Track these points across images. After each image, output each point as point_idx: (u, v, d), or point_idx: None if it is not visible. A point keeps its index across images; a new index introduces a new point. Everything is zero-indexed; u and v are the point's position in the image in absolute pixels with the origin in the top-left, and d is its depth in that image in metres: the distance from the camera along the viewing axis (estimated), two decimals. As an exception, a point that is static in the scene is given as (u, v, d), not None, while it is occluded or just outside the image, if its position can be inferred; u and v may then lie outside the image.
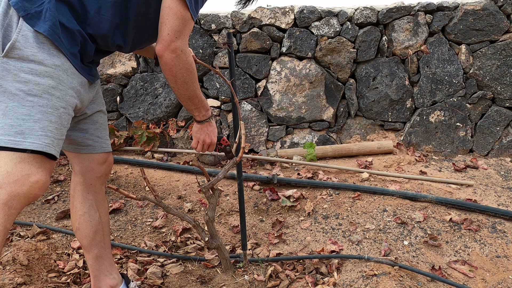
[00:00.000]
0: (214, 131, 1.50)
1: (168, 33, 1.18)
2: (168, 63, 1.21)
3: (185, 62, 1.24)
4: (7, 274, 1.69)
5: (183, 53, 1.22)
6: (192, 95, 1.33)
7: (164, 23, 1.19)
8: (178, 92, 1.31)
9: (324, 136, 3.44)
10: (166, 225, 2.32)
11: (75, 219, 1.45)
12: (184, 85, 1.29)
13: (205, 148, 1.52)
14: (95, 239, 1.45)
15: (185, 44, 1.22)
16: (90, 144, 1.39)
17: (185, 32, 1.21)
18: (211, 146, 1.53)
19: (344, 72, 3.35)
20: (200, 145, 1.51)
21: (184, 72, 1.25)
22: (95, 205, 1.46)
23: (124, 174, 2.89)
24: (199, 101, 1.37)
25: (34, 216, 2.47)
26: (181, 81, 1.26)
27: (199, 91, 1.36)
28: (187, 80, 1.27)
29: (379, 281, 1.74)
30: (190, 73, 1.27)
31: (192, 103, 1.37)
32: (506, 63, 3.23)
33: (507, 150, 3.34)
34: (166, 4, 1.19)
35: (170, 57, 1.20)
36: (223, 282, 1.77)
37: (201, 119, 1.45)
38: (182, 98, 1.34)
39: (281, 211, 2.46)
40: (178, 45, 1.19)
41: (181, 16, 1.19)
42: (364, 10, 3.25)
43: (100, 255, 1.48)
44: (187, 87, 1.30)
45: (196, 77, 1.31)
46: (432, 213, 2.34)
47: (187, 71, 1.26)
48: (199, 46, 3.31)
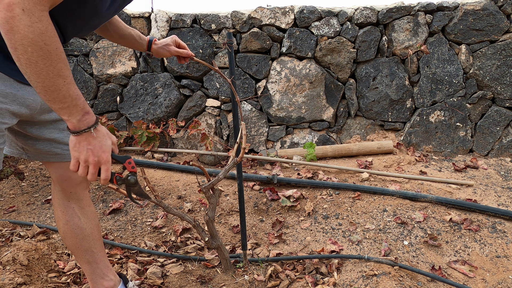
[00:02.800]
0: (103, 145, 1.01)
1: None
2: (2, 26, 0.83)
3: (29, 29, 0.82)
4: (7, 274, 1.68)
5: (27, 14, 0.81)
6: (49, 86, 0.90)
7: None
8: (26, 76, 0.89)
9: (324, 136, 3.44)
10: (166, 225, 2.32)
11: (59, 227, 1.39)
12: (30, 67, 0.86)
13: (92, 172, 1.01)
14: (82, 245, 1.40)
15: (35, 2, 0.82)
16: (58, 152, 1.28)
17: None
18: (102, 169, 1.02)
19: (344, 72, 3.35)
20: (82, 167, 1.00)
21: (29, 46, 0.84)
22: (78, 212, 1.38)
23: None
24: (64, 96, 0.92)
25: (34, 216, 2.47)
26: (24, 58, 0.85)
27: (66, 83, 0.91)
28: (36, 61, 0.86)
29: (379, 281, 1.74)
30: (40, 49, 0.85)
31: (52, 98, 0.92)
32: (506, 63, 3.23)
33: (507, 150, 3.34)
34: None
35: (3, 16, 0.81)
36: (223, 282, 1.77)
37: (76, 128, 0.97)
38: (36, 87, 0.90)
39: (281, 211, 2.46)
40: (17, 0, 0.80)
41: None
42: (364, 10, 3.25)
43: (92, 260, 1.43)
44: (37, 72, 0.87)
45: (57, 57, 0.88)
46: (432, 213, 2.34)
47: (33, 45, 0.84)
48: (199, 46, 3.31)
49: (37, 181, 2.89)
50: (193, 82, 3.39)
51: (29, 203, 2.61)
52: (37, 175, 2.96)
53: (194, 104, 3.40)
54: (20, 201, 2.64)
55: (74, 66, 3.45)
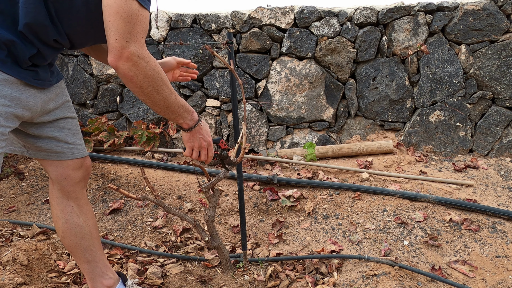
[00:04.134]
0: (207, 131, 1.30)
1: (115, 38, 0.98)
2: (127, 75, 1.02)
3: (147, 69, 1.03)
4: (7, 274, 1.68)
5: (141, 58, 1.01)
6: (168, 103, 1.12)
7: (108, 27, 0.99)
8: (151, 104, 1.11)
9: (324, 136, 3.44)
10: (166, 225, 2.32)
11: (58, 227, 1.40)
12: (154, 95, 1.08)
13: (204, 153, 1.31)
14: (82, 244, 1.41)
15: (141, 46, 1.02)
16: (59, 151, 1.31)
17: (137, 32, 1.01)
18: (209, 149, 1.32)
19: (344, 72, 3.35)
20: (196, 152, 1.29)
21: (150, 81, 1.05)
22: (77, 210, 1.40)
23: (124, 174, 2.89)
24: (178, 106, 1.16)
25: (34, 216, 2.47)
26: (149, 91, 1.06)
27: (175, 96, 1.14)
28: (156, 88, 1.07)
29: (379, 281, 1.74)
30: (157, 79, 1.06)
31: (171, 112, 1.16)
32: (506, 63, 3.23)
33: (507, 150, 3.34)
34: (105, 2, 0.99)
35: (127, 67, 1.00)
36: (223, 282, 1.77)
37: (189, 126, 1.24)
38: (158, 109, 1.13)
39: (281, 211, 2.46)
40: (132, 51, 0.99)
41: (125, 14, 0.98)
42: (364, 10, 3.25)
43: (91, 259, 1.44)
44: (159, 96, 1.09)
45: (166, 80, 1.10)
46: (432, 213, 2.34)
47: (152, 79, 1.05)
48: (199, 46, 3.31)
49: (37, 181, 2.89)
50: (193, 82, 3.39)
51: (29, 203, 2.61)
52: (37, 175, 2.96)
53: (194, 104, 3.40)
54: (20, 201, 2.64)
55: (74, 66, 3.45)
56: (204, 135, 1.28)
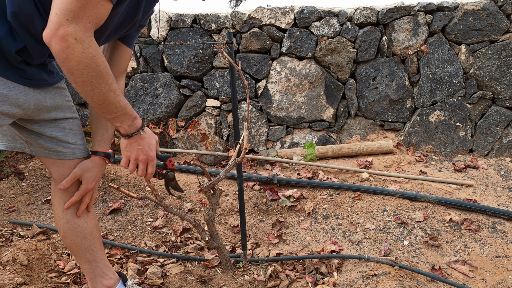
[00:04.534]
0: (150, 144, 1.18)
1: (55, 12, 0.88)
2: (59, 56, 0.91)
3: (82, 55, 0.92)
4: (7, 274, 1.68)
5: (79, 42, 0.90)
6: (104, 100, 1.02)
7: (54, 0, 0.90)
8: (84, 96, 1.00)
9: (324, 136, 3.44)
10: (166, 225, 2.32)
11: (59, 227, 1.39)
12: (87, 87, 0.98)
13: (141, 168, 1.20)
14: (83, 244, 1.40)
15: (84, 30, 0.91)
16: (60, 150, 1.29)
17: (84, 14, 0.90)
18: (150, 165, 1.20)
19: (344, 72, 3.35)
20: (132, 164, 1.19)
21: (84, 70, 0.94)
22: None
23: (124, 174, 2.89)
24: (117, 107, 1.05)
25: (34, 216, 2.47)
26: (81, 80, 0.96)
27: (115, 95, 1.03)
28: (91, 80, 0.97)
29: (379, 281, 1.74)
30: (93, 70, 0.95)
31: (107, 111, 1.05)
32: (506, 63, 3.23)
33: (507, 150, 3.34)
34: None
35: (59, 47, 0.90)
36: (223, 282, 1.77)
37: (126, 132, 1.13)
38: (93, 104, 1.03)
39: (281, 211, 2.47)
40: (70, 31, 0.89)
41: None
42: (364, 10, 3.25)
43: (92, 259, 1.44)
44: (93, 90, 0.98)
45: (107, 75, 0.99)
46: (432, 213, 2.34)
47: (88, 68, 0.94)
48: (199, 46, 3.31)
49: (37, 181, 2.89)
50: (193, 82, 3.39)
51: (29, 203, 2.61)
52: (37, 175, 2.96)
53: (194, 104, 3.40)
54: (20, 201, 2.64)
55: (74, 66, 3.44)
56: (144, 147, 1.16)
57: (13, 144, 1.30)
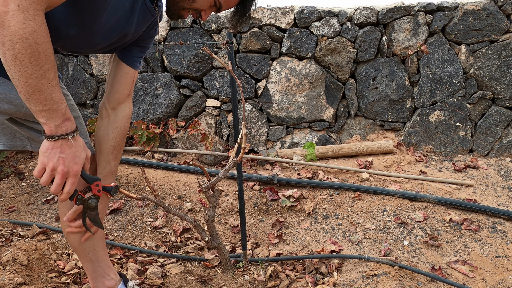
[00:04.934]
0: (77, 157, 0.98)
1: None
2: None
3: (21, 26, 0.80)
4: (7, 274, 1.69)
5: (21, 10, 0.79)
6: (32, 86, 0.86)
7: None
8: (10, 73, 0.86)
9: (324, 136, 3.44)
10: (166, 225, 2.32)
11: (64, 226, 1.39)
12: (16, 63, 0.83)
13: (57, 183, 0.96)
14: (86, 243, 1.40)
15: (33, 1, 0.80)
16: None
17: None
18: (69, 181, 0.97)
19: (344, 72, 3.35)
20: (47, 175, 0.95)
21: (17, 43, 0.81)
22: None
23: (124, 174, 2.89)
24: (46, 99, 0.89)
25: (34, 216, 2.47)
26: (11, 54, 0.82)
27: (50, 85, 0.89)
28: (23, 57, 0.83)
29: (379, 281, 1.74)
30: (29, 46, 0.82)
31: (33, 99, 0.89)
32: (506, 63, 3.23)
33: (507, 150, 3.34)
34: None
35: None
36: (223, 282, 1.77)
37: (52, 133, 0.94)
38: (18, 86, 0.87)
39: (281, 211, 2.46)
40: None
41: None
42: (364, 10, 3.25)
43: (95, 259, 1.44)
44: (22, 69, 0.84)
45: (46, 57, 0.86)
46: (432, 213, 2.34)
47: (23, 43, 0.81)
48: (199, 46, 3.31)
49: (37, 181, 2.89)
50: (193, 82, 3.39)
51: (29, 203, 2.61)
52: (37, 175, 2.96)
53: (194, 104, 3.40)
54: (20, 201, 2.64)
55: (74, 66, 3.45)
56: (68, 156, 0.96)
57: (13, 142, 1.29)
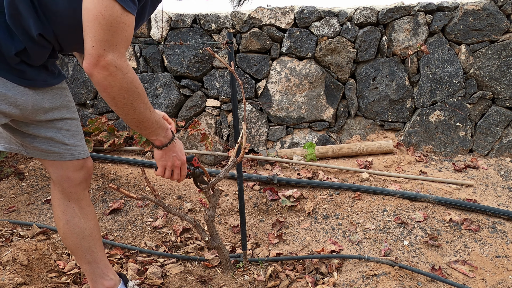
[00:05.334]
0: (181, 149, 1.26)
1: (92, 45, 0.93)
2: (100, 84, 0.97)
3: (123, 81, 0.98)
4: (7, 274, 1.69)
5: (119, 69, 0.96)
6: (142, 118, 1.08)
7: (86, 32, 0.93)
8: (123, 116, 1.06)
9: (324, 136, 3.44)
10: (166, 225, 2.32)
11: (59, 228, 1.39)
12: (128, 108, 1.03)
13: (177, 173, 1.27)
14: (83, 245, 1.40)
15: (120, 56, 0.97)
16: (56, 151, 1.28)
17: (117, 41, 0.95)
18: (183, 168, 1.28)
19: (344, 72, 3.35)
20: (168, 171, 1.26)
21: (125, 93, 1.00)
22: (78, 212, 1.38)
23: (124, 174, 2.89)
24: (153, 122, 1.12)
25: (34, 216, 2.47)
26: (122, 103, 1.02)
27: (151, 111, 1.09)
28: (131, 102, 1.02)
29: (379, 281, 1.74)
30: (133, 93, 1.01)
31: (144, 127, 1.11)
32: (506, 63, 3.23)
33: (507, 150, 3.34)
34: (84, 5, 0.92)
35: (102, 76, 0.95)
36: (223, 282, 1.77)
37: (162, 144, 1.19)
38: (131, 123, 1.09)
39: (281, 211, 2.47)
40: (109, 60, 0.94)
41: (105, 20, 0.91)
42: (364, 10, 3.25)
43: (92, 260, 1.44)
44: (132, 110, 1.04)
45: (143, 94, 1.05)
46: (432, 213, 2.34)
47: (128, 92, 1.00)
48: (199, 46, 3.31)
49: (37, 181, 2.89)
50: (193, 82, 3.39)
51: (29, 203, 2.61)
52: (37, 175, 2.96)
53: (194, 104, 3.40)
54: (20, 201, 2.64)
55: (74, 66, 3.45)
56: (178, 153, 1.24)
57: (10, 146, 1.30)
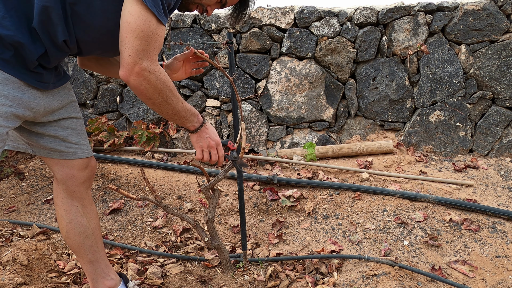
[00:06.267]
0: (213, 131, 1.36)
1: (129, 54, 1.03)
2: (137, 88, 1.08)
3: (157, 82, 1.09)
4: (7, 274, 1.69)
5: (152, 73, 1.07)
6: (177, 110, 1.20)
7: (124, 43, 1.03)
8: (161, 112, 1.19)
9: (324, 136, 3.44)
10: (166, 225, 2.32)
11: (62, 227, 1.40)
12: (163, 105, 1.16)
13: (214, 153, 1.36)
14: (85, 244, 1.41)
15: (153, 62, 1.07)
16: (62, 150, 1.31)
17: (151, 49, 1.06)
18: (219, 149, 1.36)
19: (344, 72, 3.35)
20: (206, 153, 1.35)
21: (159, 93, 1.11)
22: (81, 211, 1.40)
23: (124, 174, 2.89)
24: (185, 112, 1.24)
25: (34, 216, 2.47)
26: (158, 102, 1.14)
27: (182, 103, 1.21)
28: (165, 99, 1.14)
29: (379, 281, 1.74)
30: (166, 91, 1.13)
31: (179, 117, 1.24)
32: (506, 63, 3.23)
33: (507, 150, 3.34)
34: (124, 18, 1.02)
35: (138, 81, 1.06)
36: (223, 282, 1.77)
37: (195, 128, 1.31)
38: (168, 116, 1.21)
39: (281, 211, 2.47)
40: (144, 67, 1.04)
41: (142, 33, 1.02)
42: (364, 10, 3.25)
43: (94, 259, 1.45)
44: (167, 105, 1.16)
45: (174, 90, 1.17)
46: (432, 213, 2.34)
47: (162, 91, 1.12)
48: (199, 46, 3.31)
49: (37, 181, 2.89)
50: (193, 82, 3.39)
51: (29, 203, 2.61)
52: (37, 175, 2.96)
53: (194, 104, 3.40)
54: (20, 201, 2.64)
55: (74, 66, 3.45)
56: (211, 134, 1.34)
57: (15, 144, 1.32)
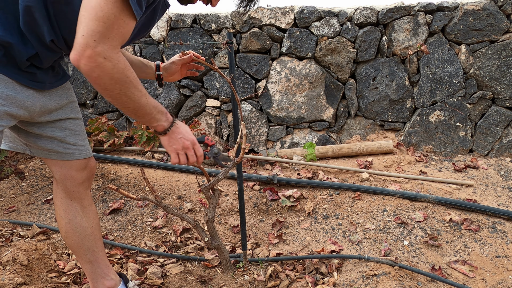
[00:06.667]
0: (186, 130, 1.21)
1: (82, 34, 0.91)
2: (89, 75, 0.95)
3: (113, 71, 0.96)
4: (7, 274, 1.69)
5: (108, 60, 0.94)
6: (139, 105, 1.06)
7: (80, 21, 0.92)
8: (120, 106, 1.05)
9: (324, 136, 3.44)
10: (166, 225, 2.32)
11: (61, 227, 1.40)
12: (122, 98, 1.02)
13: (191, 154, 1.21)
14: (85, 245, 1.41)
15: (112, 48, 0.95)
16: (60, 151, 1.29)
17: (111, 34, 0.93)
18: (196, 148, 1.22)
19: (344, 72, 3.35)
20: (182, 155, 1.20)
21: (116, 83, 0.98)
22: (80, 211, 1.39)
23: (124, 174, 2.89)
24: (151, 108, 1.10)
25: (34, 216, 2.47)
26: (115, 93, 1.01)
27: (146, 97, 1.07)
28: (124, 91, 1.01)
29: (379, 281, 1.74)
30: (125, 82, 0.99)
31: (143, 114, 1.09)
32: (506, 63, 3.23)
33: (507, 150, 3.34)
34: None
35: (89, 67, 0.93)
36: (223, 282, 1.77)
37: (164, 128, 1.15)
38: (128, 112, 1.08)
39: (281, 211, 2.47)
40: (98, 51, 0.92)
41: (102, 13, 0.91)
42: (364, 10, 3.25)
43: (93, 259, 1.44)
44: (127, 99, 1.03)
45: (136, 82, 1.03)
46: (432, 213, 2.34)
47: (120, 82, 0.98)
48: (199, 46, 3.31)
49: (37, 181, 2.89)
50: (193, 82, 3.39)
51: (29, 203, 2.61)
52: (37, 175, 2.96)
53: (194, 104, 3.40)
54: (20, 201, 2.64)
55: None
56: (184, 134, 1.19)
57: (14, 145, 1.32)
